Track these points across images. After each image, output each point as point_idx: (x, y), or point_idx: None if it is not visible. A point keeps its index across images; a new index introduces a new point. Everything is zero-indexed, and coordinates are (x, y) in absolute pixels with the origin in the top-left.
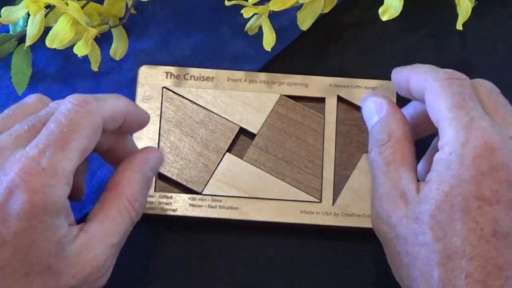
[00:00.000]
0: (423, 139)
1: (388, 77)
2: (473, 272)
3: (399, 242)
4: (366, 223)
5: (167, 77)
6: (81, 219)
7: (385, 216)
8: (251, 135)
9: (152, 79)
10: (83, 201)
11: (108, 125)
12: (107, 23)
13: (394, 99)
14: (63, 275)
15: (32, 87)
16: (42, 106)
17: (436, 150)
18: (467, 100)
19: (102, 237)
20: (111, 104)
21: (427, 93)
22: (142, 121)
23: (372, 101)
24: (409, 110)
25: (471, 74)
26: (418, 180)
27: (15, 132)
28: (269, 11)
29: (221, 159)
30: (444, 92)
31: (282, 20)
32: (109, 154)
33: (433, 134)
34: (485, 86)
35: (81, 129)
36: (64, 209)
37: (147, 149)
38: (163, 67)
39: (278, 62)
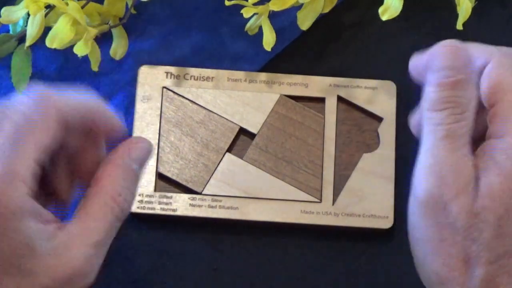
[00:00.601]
0: None
1: (388, 77)
2: None
3: (449, 230)
4: (366, 223)
5: (167, 77)
6: None
7: (442, 201)
8: (251, 135)
9: (152, 79)
10: None
11: (71, 122)
12: (107, 23)
13: (394, 100)
14: (39, 277)
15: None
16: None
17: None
18: None
19: (82, 236)
20: (74, 99)
21: (492, 67)
22: (113, 127)
23: (452, 52)
24: None
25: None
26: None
27: None
28: (269, 11)
29: (221, 159)
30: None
31: (282, 20)
32: (78, 162)
33: None
34: None
35: (35, 124)
36: (28, 208)
37: (130, 139)
38: (163, 67)
39: (278, 62)
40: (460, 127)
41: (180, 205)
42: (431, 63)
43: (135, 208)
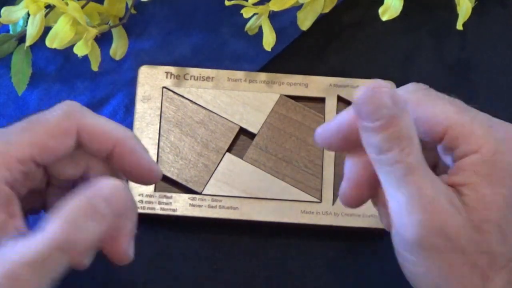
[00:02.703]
0: None
1: (388, 77)
2: None
3: (456, 253)
4: (366, 223)
5: (167, 77)
6: None
7: (437, 228)
8: (251, 135)
9: (152, 79)
10: None
11: (88, 141)
12: (107, 23)
13: None
14: None
15: (32, 87)
16: None
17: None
18: (457, 102)
19: (17, 256)
20: (98, 120)
21: (422, 105)
22: (143, 169)
23: (375, 92)
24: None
25: (471, 74)
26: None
27: None
28: (269, 11)
29: (221, 159)
30: (436, 99)
31: (282, 20)
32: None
33: None
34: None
35: (47, 124)
36: None
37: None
38: (163, 67)
39: (278, 62)
40: (415, 156)
41: (180, 205)
42: (359, 112)
43: None
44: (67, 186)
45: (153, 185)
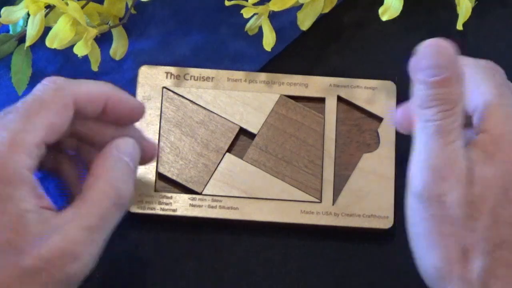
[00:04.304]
0: None
1: (388, 77)
2: None
3: (446, 222)
4: (366, 223)
5: (167, 77)
6: None
7: (438, 193)
8: (251, 135)
9: (152, 79)
10: None
11: (82, 106)
12: (107, 23)
13: (394, 100)
14: (26, 255)
15: (32, 87)
16: None
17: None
18: (508, 88)
19: (74, 220)
20: (86, 85)
21: (471, 76)
22: (131, 110)
23: (438, 50)
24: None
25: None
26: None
27: None
28: (269, 11)
29: (221, 159)
30: (488, 79)
31: (282, 20)
32: (90, 149)
33: None
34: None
35: (46, 104)
36: (27, 182)
37: (117, 138)
38: (163, 67)
39: (278, 62)
40: (450, 123)
41: (180, 205)
42: (418, 62)
43: (135, 208)
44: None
45: (153, 185)
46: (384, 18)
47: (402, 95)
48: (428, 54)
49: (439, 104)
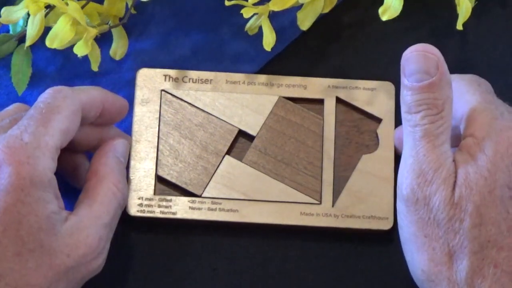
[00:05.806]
0: None
1: (388, 77)
2: (501, 263)
3: (432, 225)
4: (365, 225)
5: (165, 80)
6: None
7: (423, 196)
8: (250, 137)
9: (150, 82)
10: None
11: (87, 111)
12: (107, 23)
13: (393, 101)
14: (58, 254)
15: (32, 87)
16: (23, 112)
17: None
18: (494, 97)
19: (92, 218)
20: (87, 92)
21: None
22: (121, 109)
23: (423, 55)
24: None
25: (471, 74)
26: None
27: None
28: (269, 11)
29: (221, 161)
30: (474, 88)
31: (282, 20)
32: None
33: None
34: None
35: (60, 110)
36: (51, 184)
37: (112, 138)
38: (161, 70)
39: (278, 62)
40: (436, 127)
41: (180, 208)
42: (404, 68)
43: (135, 211)
44: None
45: (153, 189)
46: (384, 18)
47: None
48: (414, 60)
49: (425, 109)
